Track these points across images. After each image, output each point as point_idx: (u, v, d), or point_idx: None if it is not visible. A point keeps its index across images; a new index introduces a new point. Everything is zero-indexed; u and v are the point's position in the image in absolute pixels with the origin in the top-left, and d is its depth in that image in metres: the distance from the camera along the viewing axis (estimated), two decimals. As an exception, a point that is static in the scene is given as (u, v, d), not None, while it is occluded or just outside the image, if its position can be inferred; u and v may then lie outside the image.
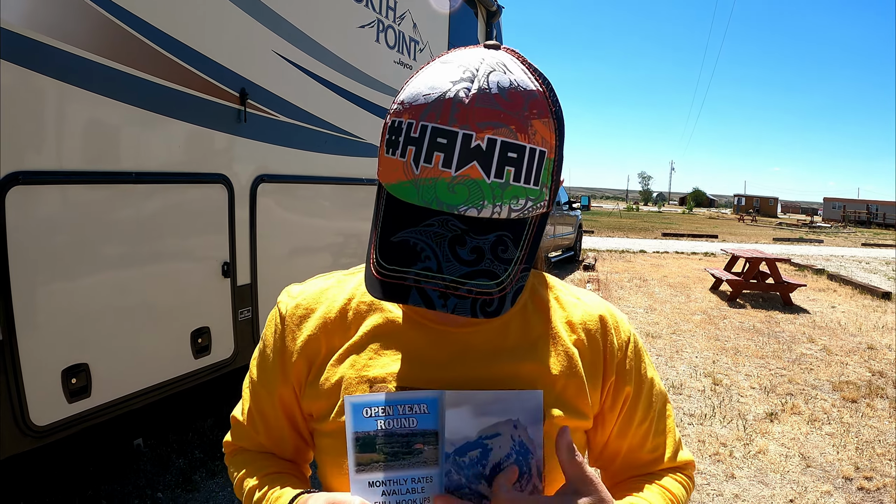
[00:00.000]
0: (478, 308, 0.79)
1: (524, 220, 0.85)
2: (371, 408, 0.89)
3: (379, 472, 0.88)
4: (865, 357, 8.21)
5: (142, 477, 4.18)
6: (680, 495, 1.10)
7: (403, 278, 0.80)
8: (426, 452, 0.89)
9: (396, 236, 0.82)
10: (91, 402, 3.05)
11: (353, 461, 0.88)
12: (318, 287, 1.13)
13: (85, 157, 2.98)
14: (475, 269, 0.80)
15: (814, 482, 4.70)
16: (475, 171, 0.79)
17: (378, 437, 0.88)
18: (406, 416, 0.89)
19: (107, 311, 3.14)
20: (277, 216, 4.34)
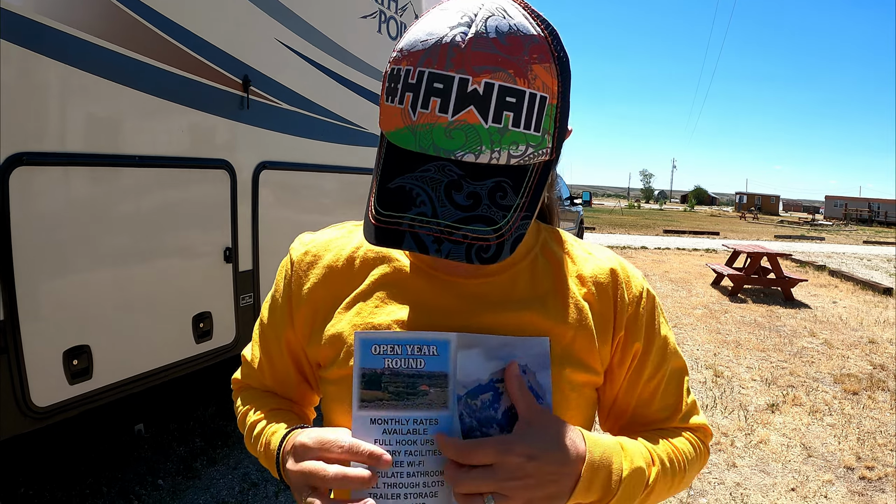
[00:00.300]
0: (473, 253, 0.79)
1: (525, 168, 0.84)
2: (380, 345, 0.88)
3: (381, 410, 0.87)
4: (867, 351, 8.21)
5: (142, 464, 4.19)
6: (685, 451, 1.07)
7: (398, 223, 0.80)
8: (431, 394, 0.88)
9: (393, 182, 0.82)
10: (92, 384, 3.06)
11: (357, 397, 0.87)
12: (329, 236, 1.13)
13: (88, 139, 2.99)
14: (471, 214, 0.79)
15: (815, 471, 4.70)
16: (472, 115, 0.78)
17: (384, 375, 0.87)
18: (414, 357, 0.88)
19: (109, 294, 3.14)
20: (279, 203, 4.35)
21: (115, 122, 3.12)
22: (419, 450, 0.87)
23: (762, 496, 4.30)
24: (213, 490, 3.98)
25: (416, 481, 0.86)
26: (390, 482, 0.86)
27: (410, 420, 0.87)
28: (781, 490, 4.40)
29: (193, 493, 3.94)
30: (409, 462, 0.87)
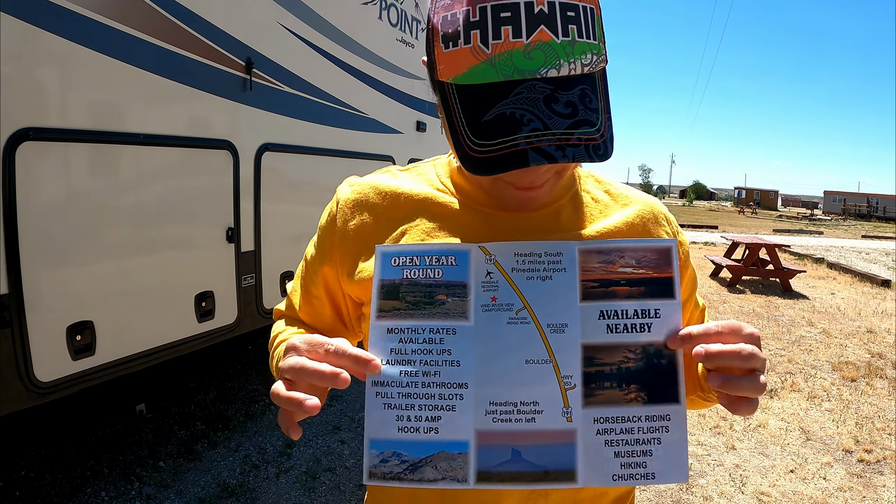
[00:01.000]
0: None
1: (593, 75, 0.87)
2: (399, 257, 0.90)
3: (398, 320, 0.88)
4: (865, 340, 8.23)
5: (143, 447, 4.20)
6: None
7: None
8: (449, 304, 0.88)
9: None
10: (95, 360, 3.07)
11: (376, 307, 0.88)
12: (374, 177, 1.16)
13: (93, 116, 3.01)
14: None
15: (814, 454, 4.72)
16: (545, 34, 0.81)
17: (402, 285, 0.89)
18: (432, 268, 0.90)
19: (112, 270, 3.16)
20: (281, 185, 4.37)
21: (119, 100, 3.13)
22: (435, 359, 0.86)
23: (761, 477, 4.32)
24: (214, 472, 3.99)
25: (431, 392, 0.86)
26: (404, 392, 0.86)
27: (427, 329, 0.87)
28: (780, 472, 4.42)
29: (194, 474, 3.95)
30: (424, 372, 0.86)
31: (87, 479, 3.78)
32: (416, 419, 0.85)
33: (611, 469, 0.85)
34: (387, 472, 0.84)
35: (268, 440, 4.46)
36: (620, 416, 0.86)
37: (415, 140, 6.28)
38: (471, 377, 0.86)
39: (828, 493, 4.14)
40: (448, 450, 0.84)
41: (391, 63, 5.61)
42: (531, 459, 0.84)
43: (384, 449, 0.84)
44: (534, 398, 0.85)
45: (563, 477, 0.85)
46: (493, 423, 0.85)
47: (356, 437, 4.58)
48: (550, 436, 0.85)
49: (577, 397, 0.86)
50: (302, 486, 3.89)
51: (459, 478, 0.84)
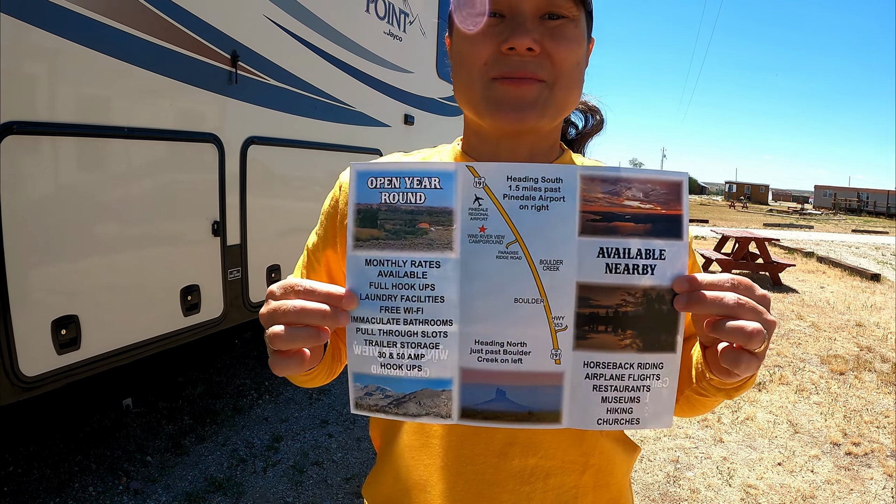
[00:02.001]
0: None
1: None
2: (377, 178, 0.82)
3: (376, 250, 0.81)
4: (854, 333, 8.26)
5: (131, 441, 4.19)
6: None
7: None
8: (432, 233, 0.81)
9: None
10: (80, 354, 3.05)
11: (352, 235, 0.82)
12: (378, 161, 1.17)
13: (78, 110, 2.99)
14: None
15: (802, 447, 4.74)
16: None
17: (381, 211, 0.82)
18: (413, 191, 0.82)
19: (98, 264, 3.14)
20: (268, 178, 4.36)
21: (104, 94, 3.11)
22: (417, 294, 0.81)
23: (749, 470, 4.34)
24: (202, 466, 3.99)
25: (413, 329, 0.81)
26: (386, 329, 0.82)
27: (408, 262, 0.81)
28: (768, 464, 4.43)
29: (182, 469, 3.94)
30: (406, 308, 0.81)
31: (74, 475, 3.76)
32: (399, 356, 0.81)
33: (597, 413, 0.83)
34: (372, 405, 0.82)
35: (255, 434, 4.45)
36: (612, 363, 0.81)
37: (402, 133, 6.26)
38: (455, 314, 0.81)
39: (815, 486, 4.16)
40: (432, 387, 0.82)
41: (378, 56, 5.59)
42: (516, 399, 0.82)
43: (368, 383, 0.82)
44: (522, 339, 0.81)
45: (547, 418, 0.83)
46: (479, 362, 0.82)
47: (344, 432, 4.58)
48: (537, 377, 0.82)
49: (568, 339, 0.81)
50: (289, 479, 3.88)
51: (443, 414, 0.82)
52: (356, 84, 5.29)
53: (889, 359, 7.12)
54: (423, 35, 6.56)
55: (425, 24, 6.61)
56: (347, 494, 3.76)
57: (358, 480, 3.90)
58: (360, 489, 3.76)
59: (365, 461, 4.13)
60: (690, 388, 0.98)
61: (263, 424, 4.62)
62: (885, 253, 19.84)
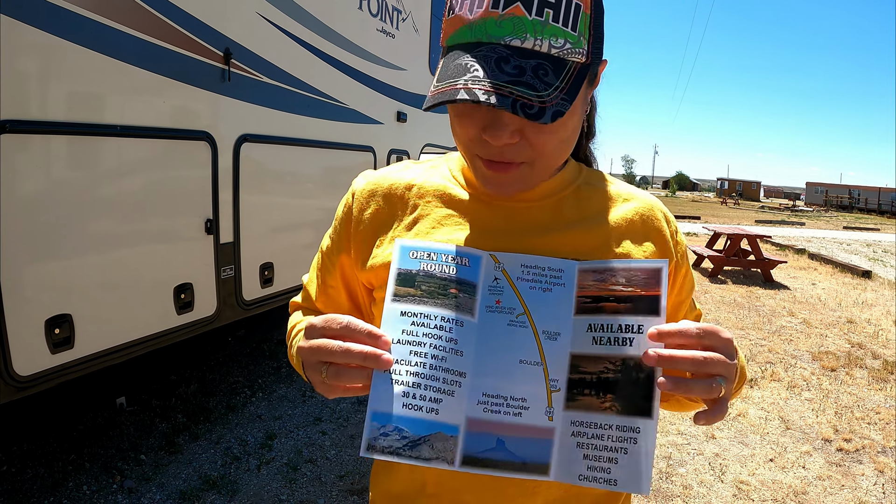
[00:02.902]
0: (518, 107, 0.87)
1: (564, 61, 0.93)
2: (417, 251, 0.98)
3: (412, 304, 0.94)
4: (845, 330, 8.30)
5: (125, 440, 4.19)
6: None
7: (454, 84, 0.90)
8: (460, 298, 0.95)
9: (450, 65, 0.94)
10: (74, 353, 3.05)
11: (391, 291, 0.95)
12: (388, 169, 1.22)
13: (71, 108, 2.98)
14: (518, 79, 0.89)
15: (793, 443, 4.76)
16: (518, 9, 0.90)
17: (419, 275, 0.96)
18: (448, 265, 0.97)
19: (91, 263, 3.14)
20: (260, 176, 4.35)
21: (97, 92, 3.10)
22: (444, 346, 0.92)
23: (741, 466, 4.36)
24: (196, 464, 3.99)
25: (437, 375, 0.91)
26: (412, 370, 0.90)
27: (438, 317, 0.93)
28: (760, 461, 4.46)
29: (175, 467, 3.94)
30: (433, 355, 0.91)
31: (68, 474, 3.76)
32: (421, 398, 0.89)
33: (578, 469, 0.90)
34: (386, 447, 0.87)
35: (249, 432, 4.45)
36: (594, 422, 0.90)
37: (395, 130, 6.26)
38: (470, 367, 0.92)
39: (807, 482, 4.18)
40: (444, 431, 0.89)
41: (371, 53, 5.59)
42: (513, 450, 0.90)
43: (386, 423, 0.88)
44: (522, 395, 0.92)
45: (537, 470, 0.90)
46: (484, 412, 0.91)
47: (337, 429, 4.58)
48: (532, 430, 0.91)
49: (560, 400, 0.92)
50: (283, 477, 3.89)
51: (448, 459, 0.89)
52: (349, 81, 5.28)
53: (880, 355, 7.16)
54: (415, 32, 6.56)
55: (418, 21, 6.61)
56: (341, 492, 3.77)
57: (352, 478, 3.90)
58: (354, 486, 3.78)
59: (359, 459, 4.13)
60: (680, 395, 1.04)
61: (257, 422, 4.62)
62: (877, 250, 19.94)
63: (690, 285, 1.22)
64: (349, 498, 3.70)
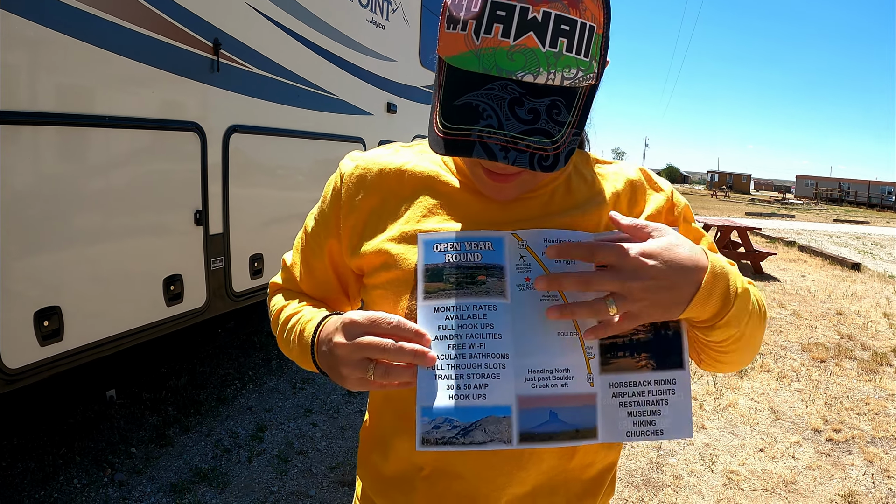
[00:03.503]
0: (535, 161, 0.87)
1: (575, 89, 0.91)
2: (441, 243, 0.99)
3: (444, 299, 0.95)
4: (835, 322, 8.33)
5: (115, 433, 4.17)
6: (757, 293, 1.06)
7: (468, 134, 0.87)
8: (489, 283, 0.96)
9: (459, 100, 0.89)
10: (63, 345, 3.03)
11: (422, 290, 0.96)
12: (378, 153, 1.20)
13: (59, 99, 2.96)
14: (532, 127, 0.87)
15: (783, 433, 4.78)
16: (532, 40, 0.86)
17: (445, 268, 0.97)
18: (472, 252, 0.98)
19: (80, 254, 3.12)
20: (250, 167, 4.34)
21: (85, 83, 3.08)
22: (479, 332, 0.94)
23: (731, 456, 4.38)
24: (187, 457, 3.98)
25: (478, 362, 0.92)
26: (453, 363, 0.92)
27: (470, 306, 0.95)
28: (750, 450, 4.48)
29: (166, 460, 3.94)
30: (470, 345, 0.93)
31: (59, 467, 3.74)
32: (466, 387, 0.91)
33: (624, 427, 0.95)
34: (439, 438, 0.90)
35: (239, 424, 4.45)
36: (632, 381, 0.96)
37: (385, 122, 6.25)
38: (511, 349, 0.94)
39: (797, 472, 4.20)
40: (495, 414, 0.91)
41: (361, 44, 5.57)
42: (565, 420, 0.93)
43: (436, 416, 0.90)
44: (565, 366, 0.95)
45: (587, 434, 0.94)
46: (532, 388, 0.93)
47: (328, 420, 4.58)
48: (579, 398, 0.95)
49: (596, 365, 0.96)
50: (274, 469, 3.89)
51: (505, 439, 0.91)
52: (339, 72, 5.27)
53: (869, 346, 7.19)
54: (405, 23, 6.54)
55: (408, 12, 6.59)
56: (332, 483, 3.77)
57: (343, 469, 3.90)
58: (345, 477, 3.78)
59: (349, 450, 4.13)
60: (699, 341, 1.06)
61: (247, 414, 4.61)
62: (866, 242, 20.03)
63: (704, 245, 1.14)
64: (340, 489, 3.70)
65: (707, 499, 3.85)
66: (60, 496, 3.48)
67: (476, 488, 1.07)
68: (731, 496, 3.88)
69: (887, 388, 5.88)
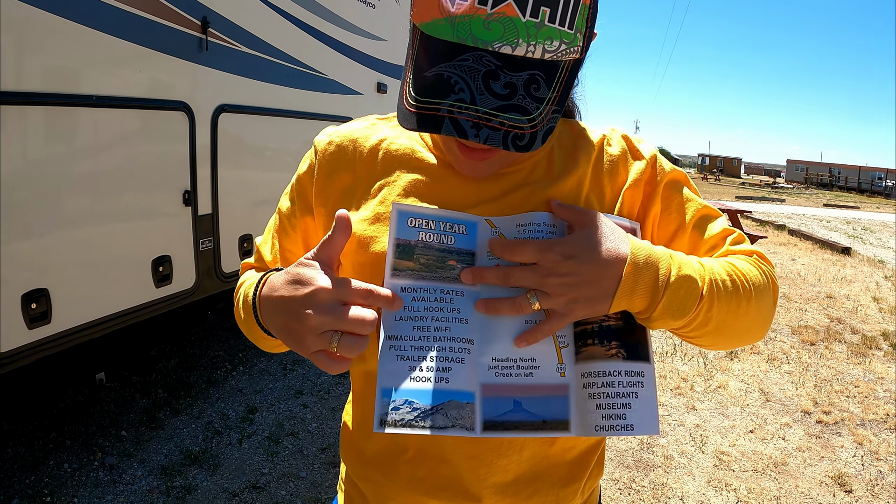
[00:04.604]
0: (509, 141, 0.82)
1: (557, 63, 0.86)
2: (416, 218, 0.93)
3: (412, 280, 0.91)
4: (824, 305, 8.36)
5: (105, 417, 4.15)
6: (745, 269, 0.99)
7: (437, 109, 0.82)
8: (457, 270, 0.93)
9: (430, 71, 0.84)
10: (51, 328, 3.01)
11: (390, 266, 0.91)
12: (353, 127, 1.14)
13: (45, 78, 2.91)
14: (508, 103, 0.82)
15: (773, 415, 4.80)
16: (511, 8, 0.80)
17: (417, 247, 0.92)
18: (446, 233, 0.94)
19: (67, 236, 3.09)
20: (239, 147, 4.31)
21: (72, 62, 3.03)
22: (446, 316, 0.91)
23: (721, 437, 4.39)
24: (177, 439, 3.96)
25: (443, 346, 0.89)
26: (417, 345, 0.88)
27: (438, 290, 0.92)
28: (740, 432, 4.49)
29: (157, 442, 3.92)
30: (436, 328, 0.90)
31: (49, 452, 3.72)
32: (429, 370, 0.87)
33: (594, 420, 0.90)
34: (398, 420, 0.85)
35: (230, 406, 4.43)
36: (603, 371, 0.91)
37: (375, 101, 6.21)
38: (476, 334, 0.91)
39: (787, 453, 4.21)
40: (458, 399, 0.87)
41: (351, 23, 5.53)
42: (531, 409, 0.90)
43: (396, 398, 0.86)
44: (531, 355, 0.92)
45: (558, 426, 0.91)
46: (496, 377, 0.91)
47: (318, 402, 4.57)
48: (547, 389, 0.92)
49: (570, 355, 0.93)
50: (265, 451, 3.87)
51: (468, 426, 0.87)
52: (329, 52, 5.23)
53: (859, 330, 7.22)
54: (396, 2, 6.49)
55: (399, -10, 6.55)
56: (323, 464, 3.76)
57: (334, 450, 3.89)
58: (336, 458, 3.77)
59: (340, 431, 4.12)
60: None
61: (238, 396, 4.60)
62: (856, 227, 20.11)
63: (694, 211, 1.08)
64: (331, 470, 3.69)
65: (698, 479, 3.86)
66: (51, 481, 3.46)
67: (460, 475, 1.04)
68: (722, 477, 3.89)
69: (877, 371, 5.91)
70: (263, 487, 3.53)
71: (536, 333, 0.90)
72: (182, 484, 3.50)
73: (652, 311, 0.89)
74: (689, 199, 1.09)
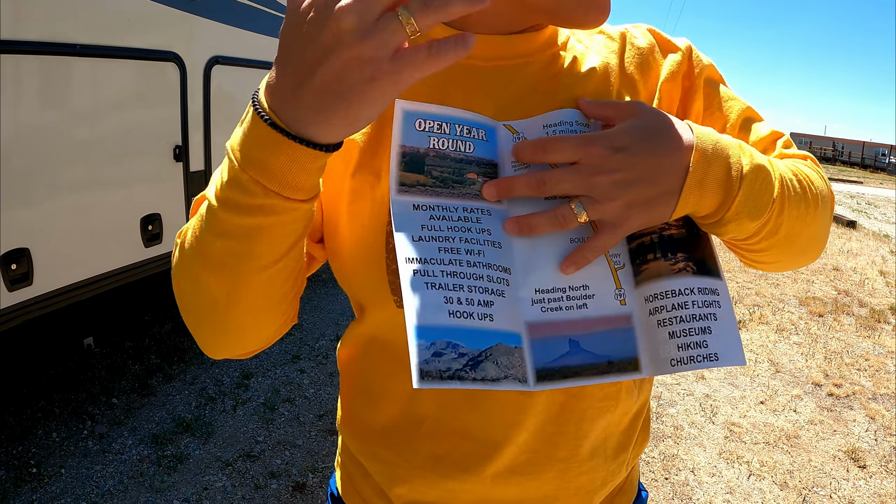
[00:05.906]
0: None
1: None
2: (426, 120, 0.73)
3: (424, 197, 0.71)
4: (831, 277, 8.28)
5: (96, 384, 4.04)
6: (806, 171, 0.82)
7: None
8: (479, 184, 0.73)
9: None
10: (33, 290, 2.86)
11: (396, 179, 0.71)
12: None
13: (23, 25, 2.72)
14: None
15: (784, 386, 4.70)
16: None
17: (428, 157, 0.72)
18: (463, 139, 0.74)
19: (49, 193, 2.93)
20: (232, 100, 4.16)
21: (52, 7, 2.85)
22: (476, 238, 0.71)
23: (732, 408, 4.29)
24: (169, 406, 3.87)
25: (479, 273, 0.69)
26: (449, 270, 0.68)
27: (460, 208, 0.72)
28: (751, 402, 4.39)
29: (149, 409, 3.82)
30: (467, 250, 0.70)
31: (37, 421, 3.61)
32: (468, 302, 0.67)
33: (667, 353, 0.71)
34: (443, 370, 0.63)
35: (224, 372, 4.32)
36: (671, 290, 0.72)
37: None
38: (512, 262, 0.72)
39: (799, 426, 4.11)
40: (505, 342, 0.68)
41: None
42: (592, 349, 0.72)
43: (437, 338, 0.64)
44: (583, 282, 0.73)
45: (627, 367, 0.72)
46: (543, 312, 0.71)
47: (316, 367, 4.48)
48: (606, 321, 0.73)
49: (628, 277, 0.74)
50: (260, 417, 3.77)
51: (520, 377, 0.68)
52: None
53: (867, 303, 7.12)
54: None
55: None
56: (320, 432, 3.66)
57: (331, 417, 3.79)
58: (333, 426, 3.65)
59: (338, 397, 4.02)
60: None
61: (233, 361, 4.47)
62: (860, 202, 20.09)
63: (739, 111, 0.89)
64: (328, 438, 3.59)
65: (709, 451, 3.75)
66: (38, 451, 3.35)
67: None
68: (734, 449, 3.78)
69: (886, 345, 5.80)
70: (258, 456, 3.42)
71: (586, 253, 0.71)
72: (173, 453, 3.40)
73: (726, 210, 0.71)
74: (732, 98, 0.91)
